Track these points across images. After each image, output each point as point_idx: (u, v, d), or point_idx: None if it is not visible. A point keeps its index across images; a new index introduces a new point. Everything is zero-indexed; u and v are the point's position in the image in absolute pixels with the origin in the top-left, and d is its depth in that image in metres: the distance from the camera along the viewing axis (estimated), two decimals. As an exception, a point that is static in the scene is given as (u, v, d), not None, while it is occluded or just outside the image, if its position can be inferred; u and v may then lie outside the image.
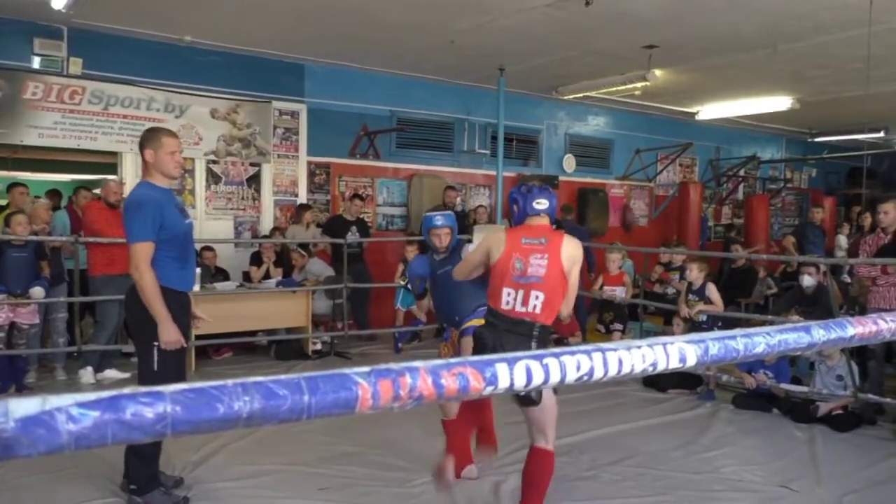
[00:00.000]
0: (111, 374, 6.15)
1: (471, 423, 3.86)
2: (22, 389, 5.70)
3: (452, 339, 4.08)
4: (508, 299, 3.09)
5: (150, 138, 3.51)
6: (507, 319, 3.10)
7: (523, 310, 3.07)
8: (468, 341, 3.72)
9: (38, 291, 5.71)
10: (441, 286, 4.02)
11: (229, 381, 0.63)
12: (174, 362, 3.47)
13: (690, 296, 6.14)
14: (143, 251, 3.32)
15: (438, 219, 4.07)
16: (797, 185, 14.29)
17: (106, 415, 0.57)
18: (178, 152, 3.51)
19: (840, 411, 5.24)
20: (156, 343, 3.39)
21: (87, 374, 5.98)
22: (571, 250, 3.13)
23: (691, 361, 0.98)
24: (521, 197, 3.25)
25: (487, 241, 3.25)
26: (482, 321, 3.37)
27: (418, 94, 9.32)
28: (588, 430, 4.96)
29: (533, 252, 3.08)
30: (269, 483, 3.89)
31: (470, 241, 4.39)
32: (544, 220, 3.24)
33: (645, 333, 7.23)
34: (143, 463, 3.53)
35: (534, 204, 3.21)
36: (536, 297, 3.05)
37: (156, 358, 3.41)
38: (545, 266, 3.06)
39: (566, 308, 3.24)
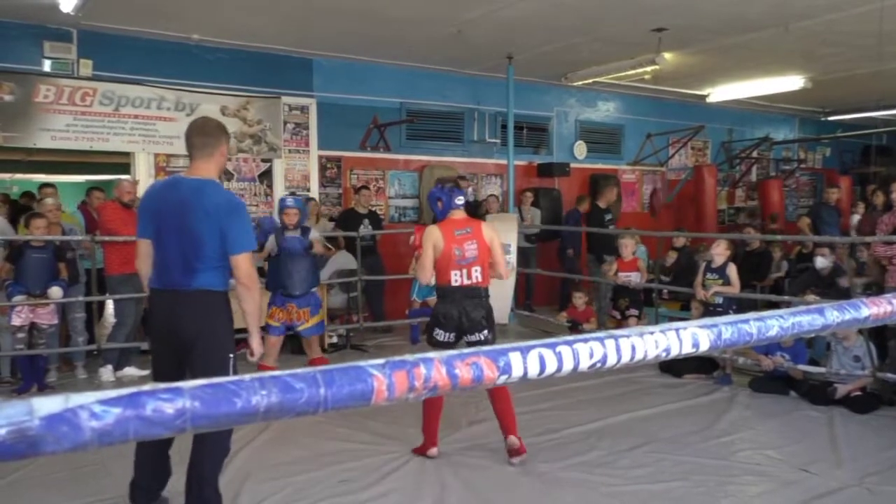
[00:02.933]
0: (130, 371, 6.22)
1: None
2: (44, 388, 5.78)
3: (288, 308, 5.23)
4: (457, 277, 4.05)
5: (222, 133, 3.21)
6: (462, 290, 4.07)
7: (469, 282, 4.07)
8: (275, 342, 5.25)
9: (55, 291, 5.77)
10: (287, 260, 5.19)
11: (247, 376, 0.64)
12: None
13: (709, 274, 6.10)
14: (253, 261, 3.16)
15: (289, 200, 5.36)
16: (811, 166, 14.14)
17: (127, 411, 0.58)
18: None
19: (859, 392, 5.21)
20: (231, 356, 3.18)
21: (107, 372, 6.05)
22: (488, 231, 4.16)
23: (704, 346, 0.98)
24: (445, 195, 4.14)
25: (429, 240, 4.06)
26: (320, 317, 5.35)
27: (427, 85, 9.30)
28: (605, 416, 4.96)
29: (465, 240, 4.05)
30: (290, 475, 3.92)
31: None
32: (463, 213, 4.18)
33: (661, 319, 7.21)
34: (217, 467, 3.29)
35: (455, 200, 4.15)
36: (476, 271, 4.07)
37: (231, 370, 3.16)
38: (476, 248, 4.06)
39: (502, 270, 4.20)
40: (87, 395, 0.58)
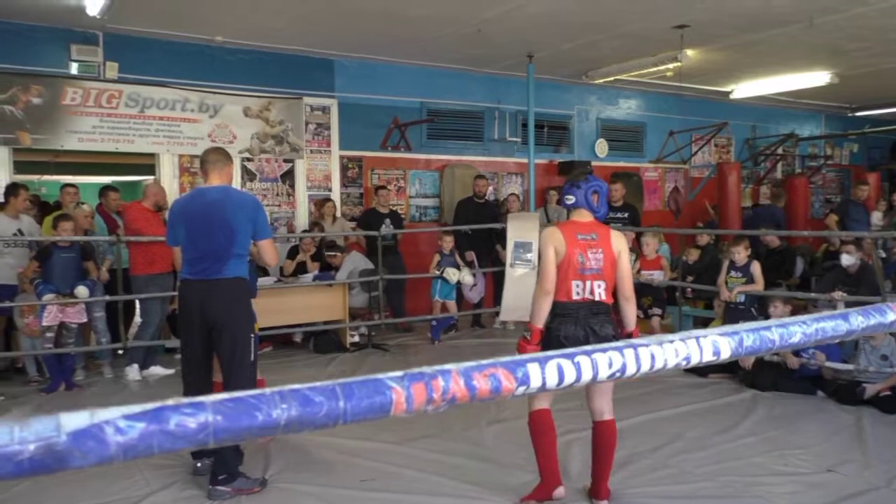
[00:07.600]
0: (156, 370, 6.30)
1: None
2: (71, 387, 5.86)
3: None
4: (578, 290, 3.41)
5: (228, 156, 3.93)
6: (584, 306, 3.41)
7: (591, 297, 3.41)
8: None
9: (82, 290, 5.86)
10: None
11: (267, 390, 0.65)
12: None
13: (733, 272, 6.07)
14: (273, 245, 3.90)
15: None
16: (837, 162, 13.92)
17: (151, 426, 0.60)
18: None
19: (888, 392, 5.12)
20: (253, 335, 3.75)
21: (133, 371, 6.13)
22: (618, 242, 3.48)
23: (725, 354, 0.98)
24: (579, 192, 3.50)
25: (549, 242, 3.45)
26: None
27: (448, 84, 9.31)
28: (629, 416, 4.92)
29: (589, 247, 3.41)
30: (312, 472, 3.95)
31: None
32: (590, 215, 3.51)
33: (684, 318, 7.15)
34: (237, 452, 3.73)
35: (565, 199, 3.55)
36: (598, 286, 3.41)
37: (253, 348, 3.73)
38: (602, 259, 3.41)
39: (628, 290, 3.50)
40: (112, 410, 0.59)
